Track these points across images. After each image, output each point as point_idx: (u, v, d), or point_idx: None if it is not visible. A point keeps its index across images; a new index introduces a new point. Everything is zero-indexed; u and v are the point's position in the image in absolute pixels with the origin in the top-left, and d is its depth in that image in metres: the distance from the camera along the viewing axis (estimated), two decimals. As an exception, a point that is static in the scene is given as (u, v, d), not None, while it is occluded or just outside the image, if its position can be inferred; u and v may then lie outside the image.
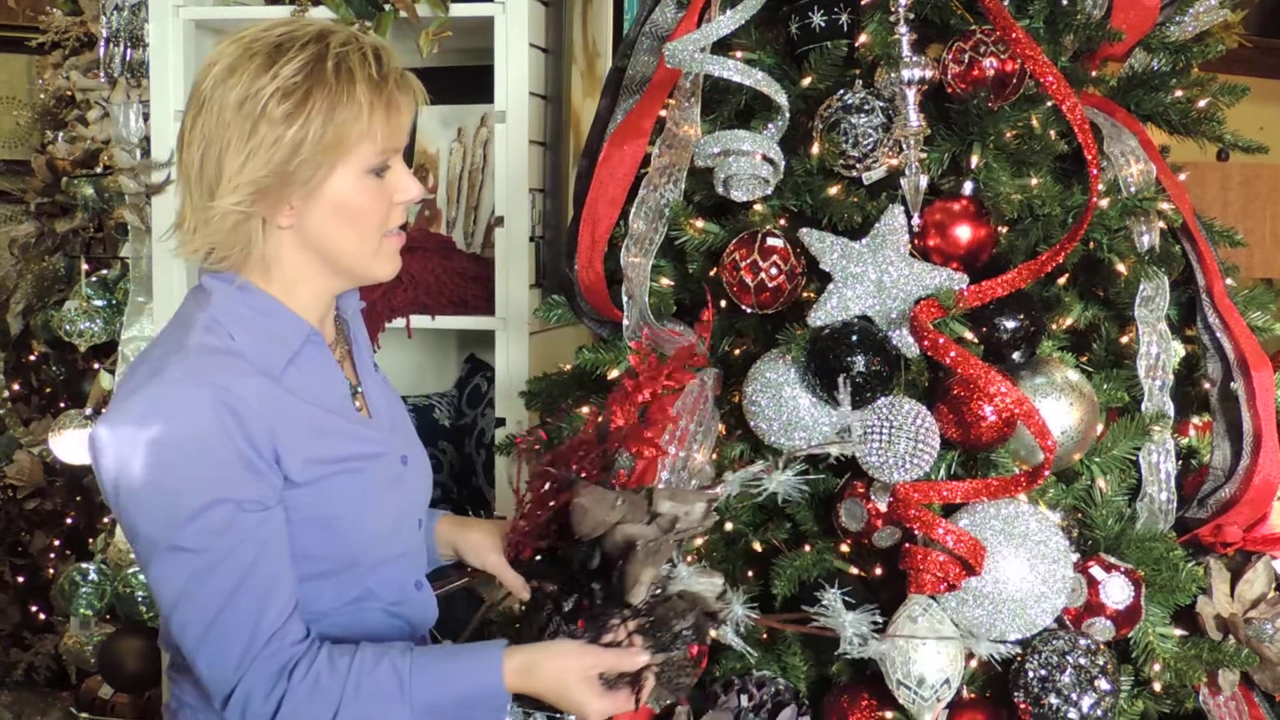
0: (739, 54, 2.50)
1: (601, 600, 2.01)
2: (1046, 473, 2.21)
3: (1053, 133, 2.45)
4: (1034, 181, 2.39)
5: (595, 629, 1.98)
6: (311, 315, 2.02)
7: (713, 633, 2.08)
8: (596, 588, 2.03)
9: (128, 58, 4.00)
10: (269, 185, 1.88)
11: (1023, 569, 2.19)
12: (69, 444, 4.63)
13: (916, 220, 2.36)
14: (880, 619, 2.08)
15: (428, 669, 1.89)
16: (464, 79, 3.62)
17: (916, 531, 2.20)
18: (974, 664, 2.27)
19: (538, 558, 2.17)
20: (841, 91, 2.38)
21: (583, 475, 2.14)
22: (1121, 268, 2.48)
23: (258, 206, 1.90)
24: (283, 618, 1.87)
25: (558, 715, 2.30)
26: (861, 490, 2.28)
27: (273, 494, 1.89)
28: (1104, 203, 2.40)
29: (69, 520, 5.19)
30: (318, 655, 1.87)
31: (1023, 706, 2.21)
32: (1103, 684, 2.19)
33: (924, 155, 2.36)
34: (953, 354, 2.22)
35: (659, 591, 2.02)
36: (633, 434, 2.13)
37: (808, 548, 2.33)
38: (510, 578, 2.20)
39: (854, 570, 2.26)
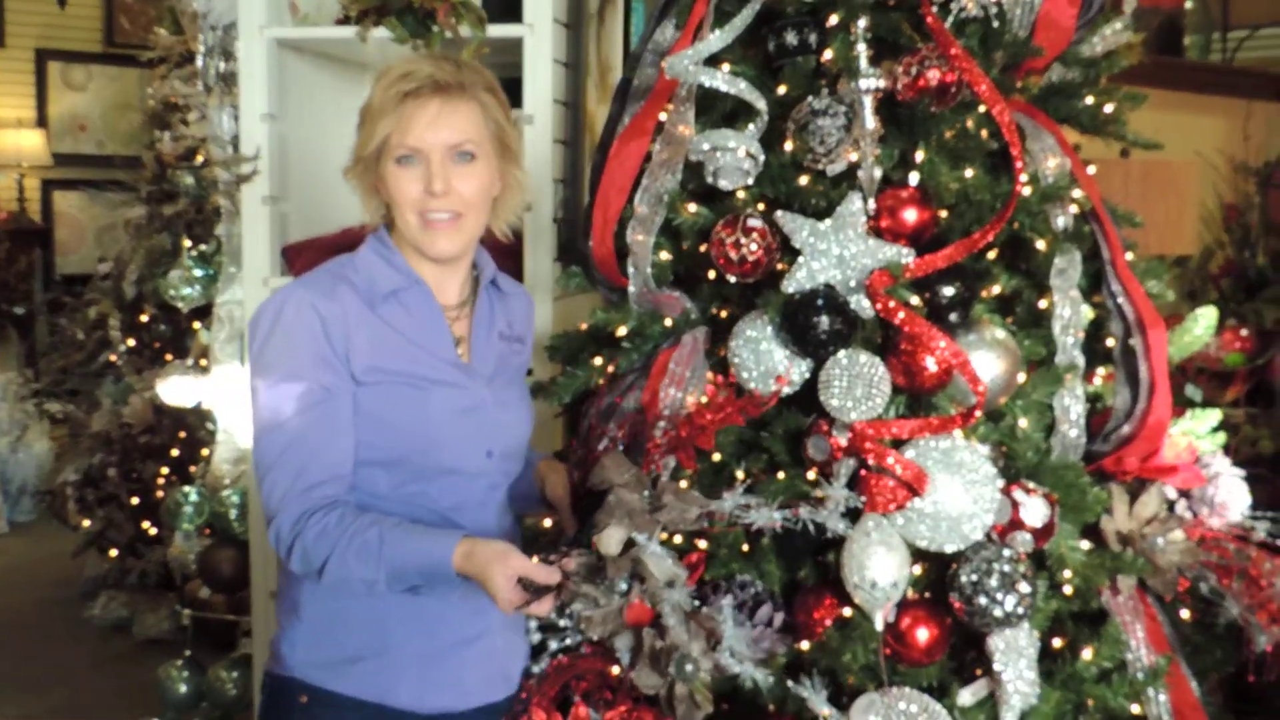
0: (726, 66, 2.48)
1: (583, 538, 2.06)
2: (978, 413, 2.21)
3: (984, 133, 2.45)
4: (968, 173, 2.39)
5: (551, 551, 2.05)
6: (426, 276, 2.15)
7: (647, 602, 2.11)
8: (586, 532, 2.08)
9: (221, 69, 3.98)
10: (356, 159, 2.12)
11: (958, 492, 2.19)
12: (174, 389, 4.63)
13: (871, 205, 2.35)
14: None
15: (402, 540, 1.96)
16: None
17: (871, 461, 2.20)
18: (918, 570, 2.27)
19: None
20: (810, 98, 2.37)
21: (620, 440, 2.19)
22: (1040, 244, 2.48)
23: (364, 178, 2.13)
24: (320, 478, 1.99)
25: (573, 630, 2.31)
26: (825, 428, 2.27)
27: (338, 384, 2.03)
28: (1026, 191, 2.39)
29: (174, 452, 5.21)
30: (334, 511, 1.98)
31: (957, 605, 2.21)
32: (1023, 587, 2.19)
33: (878, 151, 2.35)
34: (901, 315, 2.22)
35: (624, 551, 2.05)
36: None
37: (781, 475, 2.33)
38: (567, 516, 2.29)
39: (818, 494, 2.25)
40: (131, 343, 5.46)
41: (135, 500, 5.39)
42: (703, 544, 2.30)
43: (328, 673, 2.08)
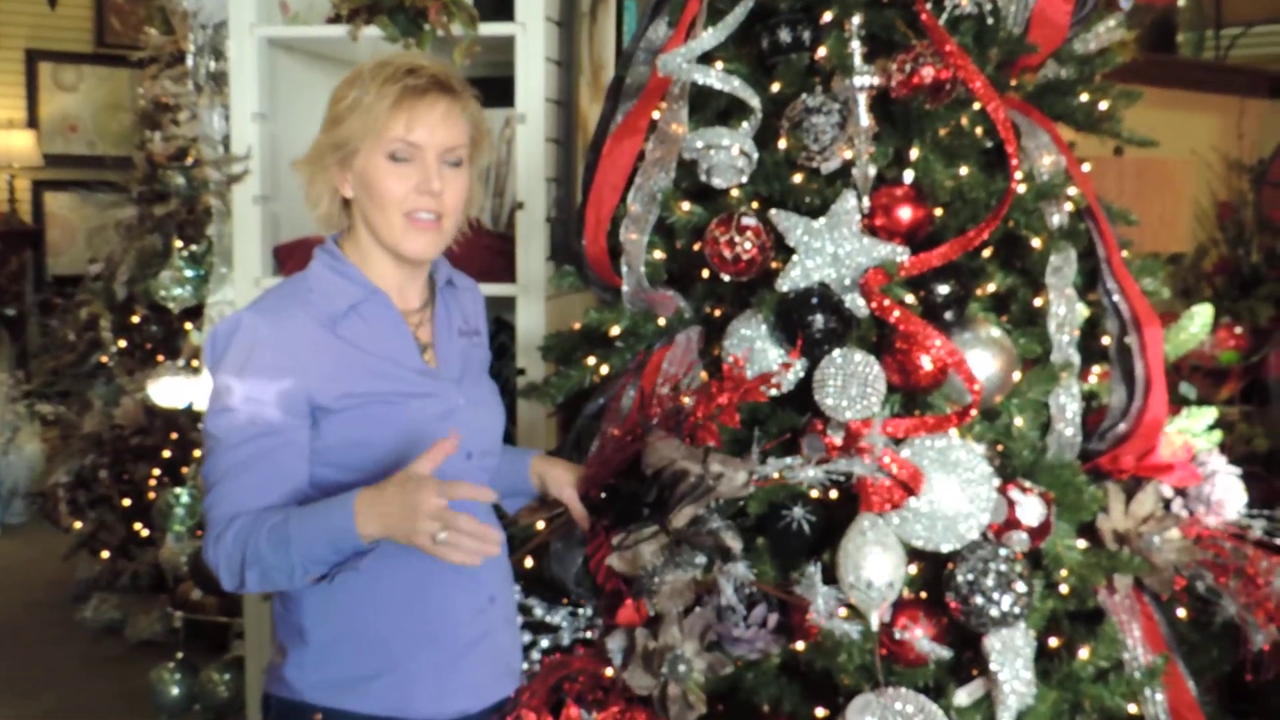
0: (719, 64, 2.47)
1: (642, 521, 2.10)
2: (974, 411, 2.20)
3: (979, 130, 2.44)
4: (963, 171, 2.38)
5: (629, 535, 2.09)
6: (387, 281, 2.10)
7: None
8: (646, 513, 2.10)
9: (211, 69, 3.97)
10: (325, 148, 2.05)
11: (954, 491, 2.18)
12: (165, 390, 4.62)
13: (866, 203, 2.34)
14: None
15: (307, 513, 1.87)
16: (491, 87, 3.60)
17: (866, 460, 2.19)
18: (913, 569, 2.26)
19: (603, 496, 2.24)
20: (804, 96, 2.36)
21: (657, 424, 2.23)
22: (1036, 242, 2.47)
23: (327, 169, 2.06)
24: (248, 505, 1.93)
25: (575, 609, 2.32)
26: (820, 427, 2.27)
27: (282, 412, 1.96)
28: (1021, 188, 2.38)
29: (166, 453, 5.19)
30: (239, 521, 1.91)
31: (953, 605, 2.21)
32: (1019, 586, 2.18)
33: (872, 149, 2.34)
34: (896, 314, 2.21)
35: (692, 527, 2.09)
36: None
37: (776, 475, 2.32)
38: (578, 509, 2.27)
39: (814, 494, 2.25)
40: (123, 344, 5.44)
41: (127, 502, 5.37)
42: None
43: (342, 693, 2.04)
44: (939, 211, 2.39)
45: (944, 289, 2.32)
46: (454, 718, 2.09)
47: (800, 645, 2.24)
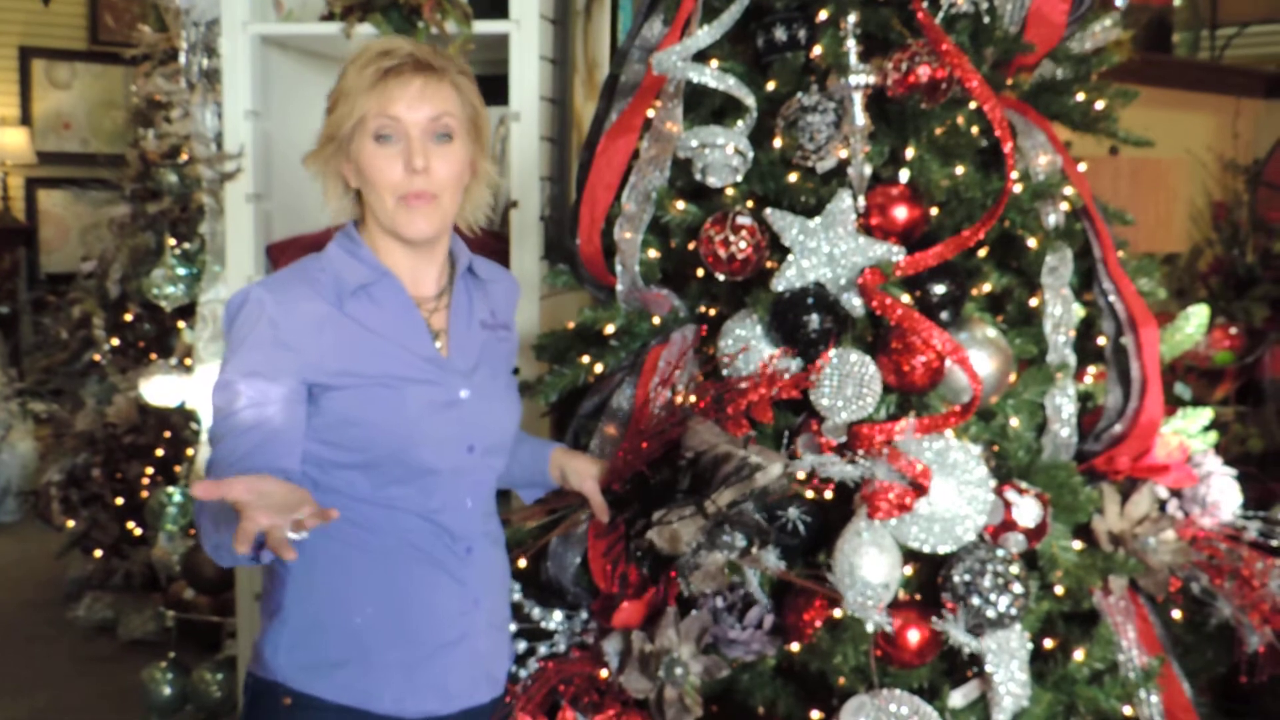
0: (715, 63, 2.47)
1: (680, 502, 2.10)
2: (975, 408, 2.20)
3: (975, 129, 2.43)
4: (959, 170, 2.38)
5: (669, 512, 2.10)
6: (400, 266, 2.10)
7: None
8: (680, 497, 2.11)
9: (204, 66, 3.95)
10: (323, 141, 2.07)
11: (951, 493, 2.17)
12: (158, 388, 4.60)
13: (861, 202, 2.33)
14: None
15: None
16: (486, 86, 3.59)
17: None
18: (910, 570, 2.25)
19: (629, 487, 2.26)
20: (800, 94, 2.36)
21: (699, 410, 2.25)
22: (1032, 242, 2.46)
23: (330, 162, 2.07)
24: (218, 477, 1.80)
25: (571, 612, 2.31)
26: (815, 427, 2.26)
27: (276, 391, 1.95)
28: (1017, 188, 2.38)
29: (159, 452, 5.18)
30: None
31: (950, 606, 2.20)
32: (1016, 587, 2.17)
33: (868, 148, 2.34)
34: (899, 312, 2.20)
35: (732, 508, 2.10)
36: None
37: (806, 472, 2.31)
38: (598, 502, 2.28)
39: (809, 494, 2.24)
40: (115, 342, 5.43)
41: (120, 501, 5.36)
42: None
43: (310, 676, 2.04)
44: (934, 211, 2.38)
45: (939, 289, 2.31)
46: (419, 717, 2.07)
47: (795, 647, 2.23)
